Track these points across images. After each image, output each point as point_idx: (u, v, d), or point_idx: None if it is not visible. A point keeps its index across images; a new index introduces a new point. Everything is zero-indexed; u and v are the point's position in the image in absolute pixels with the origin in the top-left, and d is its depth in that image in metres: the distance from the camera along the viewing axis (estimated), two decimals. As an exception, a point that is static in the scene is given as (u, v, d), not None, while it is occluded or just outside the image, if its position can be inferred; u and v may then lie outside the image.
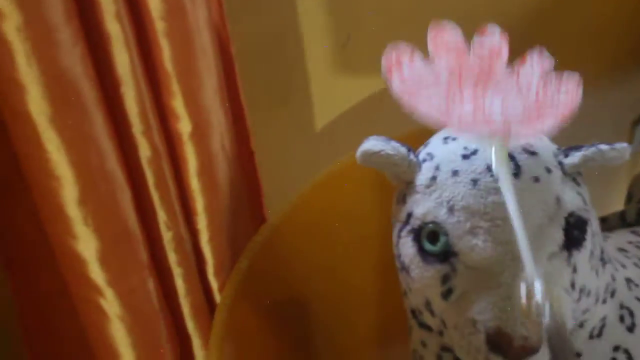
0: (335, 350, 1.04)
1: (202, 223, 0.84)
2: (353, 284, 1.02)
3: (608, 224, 1.08)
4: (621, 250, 0.94)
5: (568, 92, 0.64)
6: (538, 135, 0.67)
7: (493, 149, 0.64)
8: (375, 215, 0.85)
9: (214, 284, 0.89)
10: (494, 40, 0.65)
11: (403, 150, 0.73)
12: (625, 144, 0.70)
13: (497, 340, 0.65)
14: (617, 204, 1.17)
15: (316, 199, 0.97)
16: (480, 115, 0.64)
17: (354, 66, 1.13)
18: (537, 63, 0.65)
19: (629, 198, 1.14)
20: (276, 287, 0.93)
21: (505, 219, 0.66)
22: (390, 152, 0.72)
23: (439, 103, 0.64)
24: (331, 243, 0.98)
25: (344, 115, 1.15)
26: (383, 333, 1.09)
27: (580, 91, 0.65)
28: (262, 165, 0.97)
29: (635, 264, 0.90)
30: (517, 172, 0.69)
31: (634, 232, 1.02)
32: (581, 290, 0.71)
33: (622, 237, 1.01)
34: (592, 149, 0.70)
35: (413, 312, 0.78)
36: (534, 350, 0.65)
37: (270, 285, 0.92)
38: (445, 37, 0.66)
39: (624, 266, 0.87)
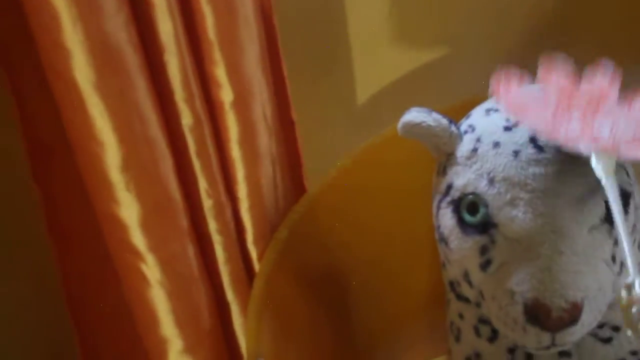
0: (383, 317, 1.04)
1: (242, 191, 0.85)
2: (395, 253, 1.02)
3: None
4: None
5: None
6: None
7: (599, 164, 0.64)
8: (415, 187, 0.85)
9: (253, 252, 0.89)
10: (606, 76, 0.66)
11: (444, 122, 0.73)
12: None
13: (535, 312, 0.65)
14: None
15: (357, 171, 0.97)
16: (588, 132, 0.64)
17: (398, 38, 1.12)
18: None
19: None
20: (316, 257, 0.94)
21: (546, 190, 0.66)
22: (432, 123, 0.72)
23: (546, 119, 0.65)
24: (372, 214, 0.98)
25: (386, 88, 1.15)
26: (432, 300, 1.09)
27: None
28: (303, 136, 0.98)
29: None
30: None
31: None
32: (622, 264, 0.71)
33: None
34: None
35: (451, 284, 0.78)
36: (573, 321, 0.65)
37: (310, 255, 0.93)
38: (556, 68, 0.66)
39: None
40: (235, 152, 0.82)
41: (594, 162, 0.64)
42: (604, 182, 0.63)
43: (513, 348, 0.77)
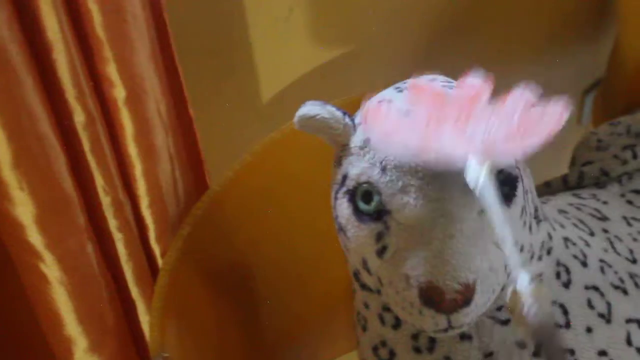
0: (289, 316, 1.04)
1: (141, 189, 0.85)
2: (300, 250, 1.03)
3: (551, 188, 1.09)
4: (561, 211, 0.96)
5: (553, 114, 0.65)
6: (521, 153, 0.68)
7: (474, 167, 0.65)
8: (318, 181, 0.86)
9: (156, 250, 0.90)
10: (475, 83, 0.67)
11: (338, 114, 0.74)
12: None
13: (429, 295, 0.66)
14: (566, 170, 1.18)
15: (259, 165, 0.97)
16: (461, 139, 0.65)
17: (302, 35, 1.13)
18: (521, 96, 0.66)
19: (573, 162, 1.16)
20: (220, 253, 0.94)
21: (436, 176, 0.68)
22: (326, 115, 0.73)
23: (418, 137, 0.65)
24: (276, 210, 0.99)
25: (291, 85, 1.16)
26: (334, 297, 1.10)
27: (566, 112, 0.65)
28: (208, 135, 0.98)
29: (575, 224, 0.92)
30: None
31: (574, 195, 1.04)
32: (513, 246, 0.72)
33: (563, 199, 1.02)
34: None
35: (355, 274, 0.79)
36: (466, 302, 0.67)
37: (213, 251, 0.93)
38: (423, 88, 0.67)
39: (562, 226, 0.88)
40: (132, 149, 0.82)
41: (468, 171, 0.65)
42: (479, 186, 0.64)
43: (417, 334, 0.79)
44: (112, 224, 0.83)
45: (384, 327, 0.80)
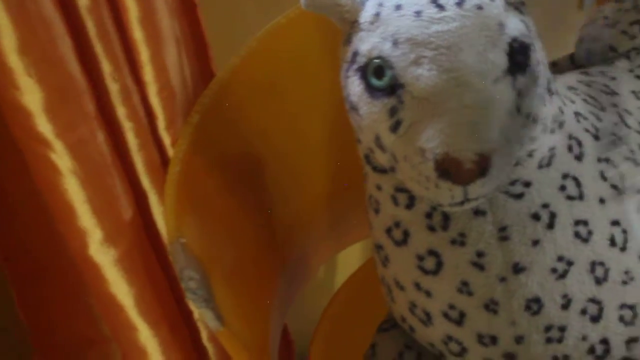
0: (289, 210, 1.05)
1: (148, 75, 0.83)
2: (309, 138, 1.02)
3: (559, 67, 1.09)
4: (571, 88, 0.95)
5: None
6: None
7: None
8: (327, 65, 0.85)
9: (166, 139, 0.89)
10: None
11: None
12: None
13: (446, 166, 0.66)
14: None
15: (266, 51, 0.96)
16: None
17: None
18: None
19: (580, 41, 1.15)
20: (230, 141, 0.93)
21: (449, 47, 0.67)
22: None
23: None
24: (284, 96, 0.98)
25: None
26: (336, 193, 1.10)
27: None
28: (212, 23, 0.96)
29: (584, 100, 0.92)
30: (460, 1, 0.69)
31: (583, 72, 1.03)
32: (527, 116, 0.72)
33: (571, 77, 1.01)
34: None
35: (367, 157, 0.79)
36: (483, 173, 0.67)
37: (223, 139, 0.92)
38: None
39: (572, 102, 0.88)
40: (138, 33, 0.81)
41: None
42: None
43: (430, 212, 0.78)
44: (121, 112, 0.82)
45: (397, 208, 0.80)
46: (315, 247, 1.12)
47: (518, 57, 0.70)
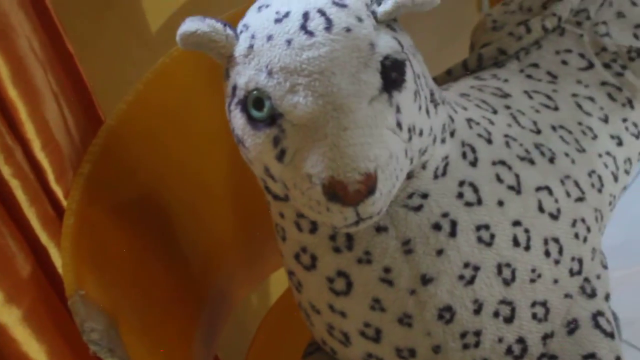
0: (199, 252, 1.04)
1: (30, 131, 0.82)
2: (209, 179, 1.02)
3: (453, 75, 1.10)
4: (463, 95, 0.97)
5: None
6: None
7: None
8: (218, 104, 0.85)
9: (58, 192, 0.87)
10: None
11: (218, 25, 0.73)
12: None
13: (333, 189, 0.67)
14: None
15: (154, 94, 0.95)
16: None
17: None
18: None
19: (472, 47, 1.16)
20: (128, 188, 0.93)
21: (322, 72, 0.68)
22: (206, 29, 0.72)
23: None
24: (177, 138, 0.97)
25: (179, 10, 1.13)
26: (244, 229, 1.10)
27: None
28: (97, 71, 0.96)
29: (477, 105, 0.93)
30: (328, 25, 0.69)
31: (475, 77, 1.05)
32: (410, 130, 0.72)
33: (464, 83, 1.03)
34: None
35: (266, 187, 0.78)
36: (370, 192, 0.67)
37: (120, 187, 0.92)
38: None
39: (465, 108, 0.89)
40: (11, 91, 0.79)
41: None
42: None
43: (334, 234, 0.79)
44: (6, 171, 0.80)
45: (302, 234, 0.81)
46: (231, 283, 1.12)
47: (392, 74, 0.71)
